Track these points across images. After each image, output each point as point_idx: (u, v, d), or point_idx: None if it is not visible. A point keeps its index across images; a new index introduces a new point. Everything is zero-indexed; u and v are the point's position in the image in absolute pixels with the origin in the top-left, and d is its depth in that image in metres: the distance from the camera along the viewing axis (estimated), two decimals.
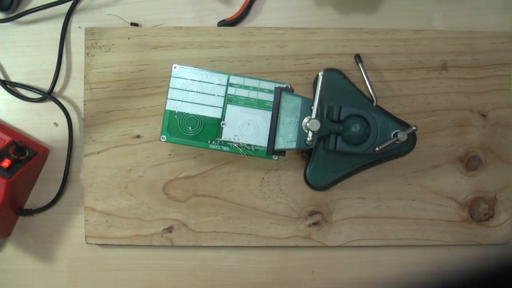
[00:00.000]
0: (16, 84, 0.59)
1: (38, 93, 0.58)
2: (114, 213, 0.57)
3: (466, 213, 0.59)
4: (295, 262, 0.59)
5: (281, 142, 0.49)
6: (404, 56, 0.58)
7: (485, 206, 0.59)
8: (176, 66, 0.50)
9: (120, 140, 0.57)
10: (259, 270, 0.59)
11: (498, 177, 0.59)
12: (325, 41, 0.58)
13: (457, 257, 0.60)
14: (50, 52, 0.59)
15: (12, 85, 0.59)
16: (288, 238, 0.57)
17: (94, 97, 0.57)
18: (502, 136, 0.59)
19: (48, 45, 0.59)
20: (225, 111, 0.50)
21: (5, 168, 0.52)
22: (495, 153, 0.59)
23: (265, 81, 0.50)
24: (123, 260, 0.59)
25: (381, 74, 0.58)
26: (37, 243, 0.58)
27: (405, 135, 0.50)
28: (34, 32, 0.59)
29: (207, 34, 0.57)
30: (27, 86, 0.59)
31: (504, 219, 0.59)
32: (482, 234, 0.59)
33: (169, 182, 0.57)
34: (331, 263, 0.59)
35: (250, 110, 0.50)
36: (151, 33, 0.57)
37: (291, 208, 0.57)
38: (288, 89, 0.50)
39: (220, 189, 0.57)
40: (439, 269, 0.60)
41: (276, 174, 0.58)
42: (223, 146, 0.50)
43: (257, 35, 0.57)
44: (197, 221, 0.57)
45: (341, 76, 0.57)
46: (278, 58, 0.58)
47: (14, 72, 0.59)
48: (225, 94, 0.50)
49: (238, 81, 0.50)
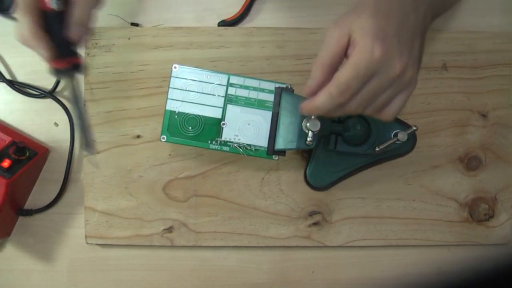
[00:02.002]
0: (20, 84, 0.59)
1: (39, 92, 0.58)
2: (114, 213, 0.57)
3: (466, 213, 0.59)
4: (295, 262, 0.59)
5: (281, 142, 0.49)
6: None
7: (485, 206, 0.59)
8: (176, 66, 0.50)
9: (120, 140, 0.57)
10: (259, 270, 0.59)
11: (498, 177, 0.59)
12: None
13: (457, 257, 0.60)
14: None
15: (19, 85, 0.59)
16: (288, 238, 0.57)
17: (94, 97, 0.57)
18: (502, 136, 0.59)
19: None
20: (226, 111, 0.50)
21: (5, 168, 0.52)
22: (495, 153, 0.59)
23: (266, 81, 0.50)
24: (123, 260, 0.59)
25: None
26: (37, 243, 0.58)
27: (405, 135, 0.50)
28: None
29: (208, 34, 0.57)
30: (29, 85, 0.59)
31: (504, 219, 0.59)
32: (482, 234, 0.59)
33: (169, 182, 0.57)
34: (331, 263, 0.59)
35: (250, 110, 0.50)
36: (151, 33, 0.57)
37: (291, 208, 0.57)
38: (288, 89, 0.50)
39: (220, 189, 0.57)
40: (439, 269, 0.60)
41: (276, 174, 0.58)
42: (223, 146, 0.50)
43: (258, 35, 0.57)
44: (197, 221, 0.57)
45: None
46: (279, 58, 0.58)
47: (15, 72, 0.59)
48: (226, 94, 0.50)
49: (238, 81, 0.50)
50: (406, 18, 0.39)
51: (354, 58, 0.38)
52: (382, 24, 0.38)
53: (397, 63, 0.38)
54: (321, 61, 0.39)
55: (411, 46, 0.40)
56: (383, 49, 0.37)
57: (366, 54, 0.37)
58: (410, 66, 0.39)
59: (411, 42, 0.40)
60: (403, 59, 0.38)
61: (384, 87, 0.39)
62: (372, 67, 0.38)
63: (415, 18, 0.40)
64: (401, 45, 0.38)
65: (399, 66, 0.38)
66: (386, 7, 0.39)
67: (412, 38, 0.40)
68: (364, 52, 0.37)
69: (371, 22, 0.38)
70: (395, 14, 0.39)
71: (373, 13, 0.38)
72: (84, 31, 0.40)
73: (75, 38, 0.40)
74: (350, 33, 0.38)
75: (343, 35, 0.38)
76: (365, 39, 0.37)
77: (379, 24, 0.38)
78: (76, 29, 0.39)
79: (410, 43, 0.40)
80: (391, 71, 0.38)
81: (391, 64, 0.38)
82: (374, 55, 0.37)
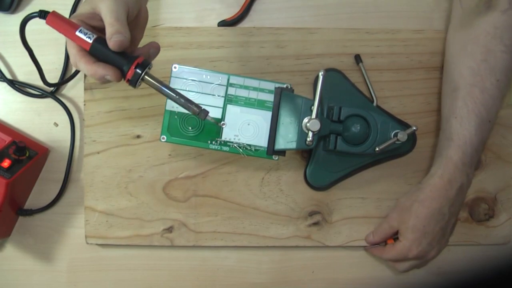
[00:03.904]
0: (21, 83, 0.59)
1: (40, 92, 0.58)
2: (114, 213, 0.57)
3: (466, 213, 0.59)
4: (295, 262, 0.59)
5: (281, 142, 0.49)
6: (404, 56, 0.58)
7: (485, 206, 0.59)
8: (176, 66, 0.50)
9: (120, 140, 0.57)
10: (259, 270, 0.59)
11: (498, 177, 0.59)
12: (325, 41, 0.58)
13: (457, 257, 0.60)
14: (51, 52, 0.59)
15: (19, 84, 0.59)
16: (288, 238, 0.57)
17: (94, 97, 0.57)
18: (502, 137, 0.59)
19: (49, 45, 0.59)
20: (225, 111, 0.50)
21: (5, 168, 0.52)
22: (495, 153, 0.59)
23: (265, 81, 0.50)
24: (123, 260, 0.59)
25: (381, 74, 0.58)
26: (37, 243, 0.58)
27: (405, 135, 0.50)
28: (35, 32, 0.59)
29: (207, 34, 0.57)
30: (30, 85, 0.59)
31: (504, 219, 0.59)
32: (483, 234, 0.59)
33: (169, 182, 0.57)
34: (331, 263, 0.59)
35: (250, 110, 0.50)
36: (151, 33, 0.57)
37: (291, 208, 0.57)
38: (288, 89, 0.50)
39: (220, 189, 0.57)
40: (439, 269, 0.60)
41: (276, 174, 0.58)
42: (223, 146, 0.50)
43: (257, 35, 0.57)
44: (197, 221, 0.57)
45: (341, 76, 0.57)
46: (278, 58, 0.58)
47: (16, 72, 0.59)
48: (225, 94, 0.50)
49: (238, 81, 0.50)
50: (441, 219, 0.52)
51: (397, 250, 0.53)
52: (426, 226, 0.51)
53: (427, 257, 0.53)
54: (376, 235, 0.56)
55: (439, 239, 0.53)
56: (419, 250, 0.52)
57: (405, 250, 0.53)
58: (436, 253, 0.53)
59: (442, 236, 0.53)
60: (433, 252, 0.53)
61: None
62: (409, 257, 0.53)
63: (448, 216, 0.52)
64: (435, 240, 0.52)
65: (429, 257, 0.53)
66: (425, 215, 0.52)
67: (443, 232, 0.52)
68: (405, 249, 0.53)
69: (417, 224, 0.52)
70: (431, 220, 0.51)
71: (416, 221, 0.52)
72: (121, 37, 0.41)
73: (116, 46, 0.41)
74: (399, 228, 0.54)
75: (392, 228, 0.55)
76: (408, 238, 0.52)
77: (422, 225, 0.52)
78: (113, 38, 0.41)
79: (439, 237, 0.52)
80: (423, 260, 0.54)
81: (423, 258, 0.53)
82: (412, 253, 0.52)
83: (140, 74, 0.42)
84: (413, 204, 0.52)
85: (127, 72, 0.42)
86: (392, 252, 0.54)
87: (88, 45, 0.42)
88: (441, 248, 0.54)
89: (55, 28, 0.42)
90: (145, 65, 0.42)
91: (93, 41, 0.41)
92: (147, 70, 0.43)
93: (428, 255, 0.53)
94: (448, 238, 0.54)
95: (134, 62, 0.42)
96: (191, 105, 0.45)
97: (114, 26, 0.41)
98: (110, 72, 0.42)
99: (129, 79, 0.42)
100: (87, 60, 0.42)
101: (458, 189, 0.51)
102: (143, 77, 0.43)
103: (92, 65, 0.42)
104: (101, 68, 0.42)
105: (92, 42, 0.41)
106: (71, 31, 0.41)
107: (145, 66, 0.42)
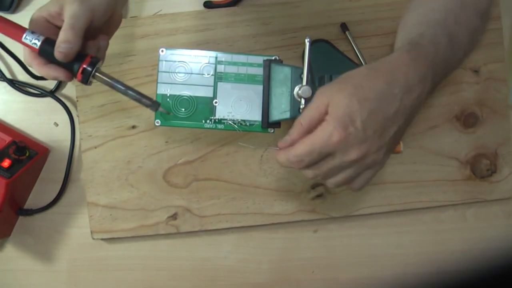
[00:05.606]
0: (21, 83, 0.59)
1: (40, 92, 0.59)
2: (117, 206, 0.57)
3: (468, 170, 0.58)
4: (295, 262, 0.59)
5: (275, 114, 0.49)
6: (390, 20, 0.58)
7: (487, 161, 0.58)
8: (163, 50, 0.50)
9: (115, 132, 0.57)
10: (259, 270, 0.59)
11: (496, 132, 0.59)
12: (309, 14, 0.58)
13: (457, 257, 0.59)
14: None
15: (19, 84, 0.59)
16: (293, 213, 0.57)
17: (86, 92, 0.57)
18: (496, 90, 0.59)
19: None
20: (217, 89, 0.50)
21: (5, 168, 0.52)
22: (491, 108, 0.59)
23: (253, 55, 0.50)
24: (123, 260, 0.58)
25: (369, 40, 0.58)
26: (37, 243, 0.58)
27: None
28: None
29: (192, 18, 0.57)
30: (30, 84, 0.59)
31: (507, 173, 0.58)
32: (487, 190, 0.58)
33: (168, 169, 0.57)
34: (331, 263, 0.59)
35: (241, 86, 0.50)
36: (137, 24, 0.57)
37: (293, 183, 0.57)
38: (276, 60, 0.50)
39: (220, 171, 0.57)
40: (439, 269, 0.59)
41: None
42: (218, 124, 0.50)
43: (242, 14, 0.58)
44: (201, 206, 0.57)
45: (329, 45, 0.57)
46: (265, 35, 0.58)
47: (16, 71, 0.60)
48: (215, 72, 0.50)
49: (226, 58, 0.50)
50: (386, 104, 0.39)
51: (313, 137, 0.39)
52: (354, 109, 0.38)
53: (353, 151, 0.39)
54: (301, 121, 0.41)
55: (381, 133, 0.39)
56: (341, 137, 0.38)
57: (324, 136, 0.38)
58: (373, 153, 0.39)
59: (383, 129, 0.39)
60: (363, 147, 0.39)
61: (341, 168, 0.40)
62: (327, 150, 0.39)
63: (398, 104, 0.39)
64: (366, 132, 0.39)
65: (355, 154, 0.39)
66: (368, 89, 0.39)
67: (386, 125, 0.39)
68: (323, 134, 0.39)
69: (344, 103, 0.38)
70: (374, 98, 0.39)
71: (351, 93, 0.39)
72: (68, 48, 0.41)
73: (61, 57, 0.41)
74: (328, 104, 0.39)
75: (323, 104, 0.39)
76: (329, 121, 0.39)
77: (351, 108, 0.38)
78: (59, 48, 0.41)
79: (381, 130, 0.39)
80: (347, 157, 0.39)
81: (347, 151, 0.39)
82: (331, 140, 0.38)
83: (90, 72, 0.43)
84: (359, 73, 0.40)
85: (77, 71, 0.43)
86: (304, 143, 0.39)
87: (36, 49, 0.42)
88: (381, 146, 0.40)
89: (1, 32, 0.43)
90: (95, 63, 0.43)
91: (41, 44, 0.42)
92: (97, 67, 0.43)
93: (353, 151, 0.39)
94: (391, 147, 0.42)
95: (84, 61, 0.43)
96: (143, 98, 0.46)
97: (66, 33, 0.41)
98: (60, 74, 0.43)
99: (80, 81, 0.43)
100: (38, 62, 0.42)
101: (421, 82, 0.40)
102: (94, 74, 0.43)
103: (44, 67, 0.42)
104: (52, 70, 0.42)
105: (40, 44, 0.42)
106: (18, 34, 0.42)
107: (95, 63, 0.43)
